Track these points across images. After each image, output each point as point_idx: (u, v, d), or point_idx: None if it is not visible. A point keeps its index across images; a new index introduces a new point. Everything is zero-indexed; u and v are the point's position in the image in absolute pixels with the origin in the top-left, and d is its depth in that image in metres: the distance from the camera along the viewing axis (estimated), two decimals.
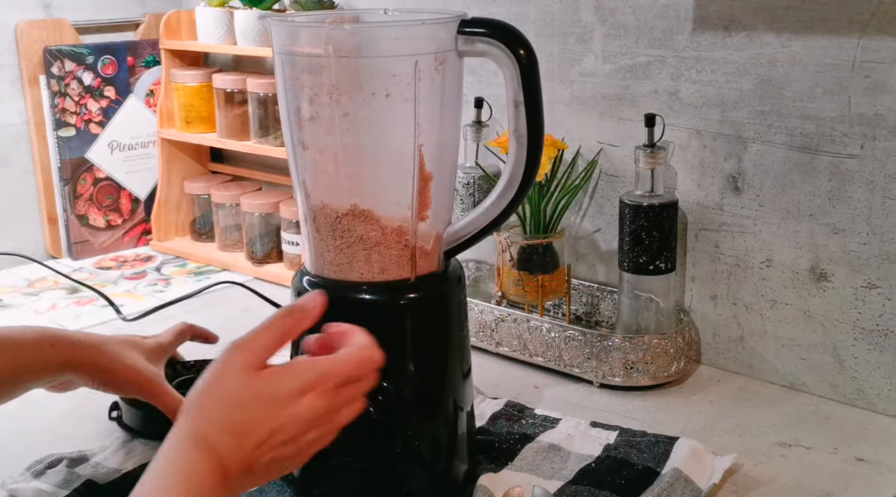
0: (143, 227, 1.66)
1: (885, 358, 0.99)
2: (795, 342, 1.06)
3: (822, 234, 1.02)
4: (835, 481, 0.88)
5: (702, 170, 1.10)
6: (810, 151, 1.01)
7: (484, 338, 1.16)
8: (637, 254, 1.08)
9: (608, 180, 1.19)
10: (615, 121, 1.16)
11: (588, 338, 1.07)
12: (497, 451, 0.93)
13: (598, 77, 1.17)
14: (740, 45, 1.04)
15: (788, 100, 1.02)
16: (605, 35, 1.15)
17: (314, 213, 0.83)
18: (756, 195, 1.06)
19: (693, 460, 0.88)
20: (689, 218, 1.12)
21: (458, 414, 0.86)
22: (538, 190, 1.13)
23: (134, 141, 1.63)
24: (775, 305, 1.07)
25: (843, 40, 0.97)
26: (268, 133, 1.47)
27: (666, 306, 1.10)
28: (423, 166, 0.81)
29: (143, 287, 1.46)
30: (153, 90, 1.63)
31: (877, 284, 0.99)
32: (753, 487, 0.88)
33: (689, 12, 1.07)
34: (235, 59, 1.63)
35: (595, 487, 0.86)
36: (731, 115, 1.06)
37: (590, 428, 0.96)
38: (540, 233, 1.15)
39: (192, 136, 1.58)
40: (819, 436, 0.97)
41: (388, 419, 0.80)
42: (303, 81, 0.79)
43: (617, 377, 1.06)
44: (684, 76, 1.09)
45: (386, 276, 0.82)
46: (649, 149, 1.07)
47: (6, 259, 1.52)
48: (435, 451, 0.85)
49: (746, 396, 1.06)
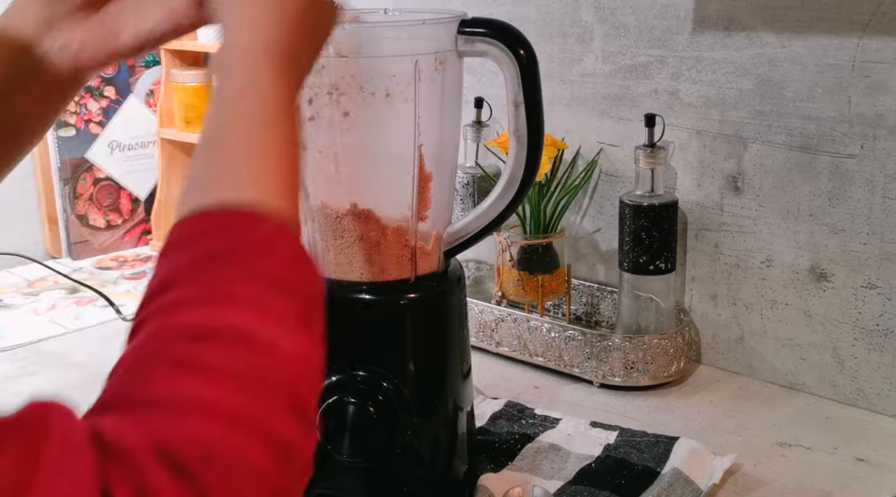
0: (143, 227, 1.66)
1: (885, 358, 0.99)
2: (795, 342, 1.06)
3: (822, 234, 1.02)
4: (835, 481, 0.88)
5: (702, 170, 1.10)
6: (810, 151, 1.01)
7: (484, 338, 1.16)
8: (637, 254, 1.08)
9: (608, 180, 1.19)
10: (615, 121, 1.16)
11: (588, 338, 1.07)
12: (497, 451, 0.93)
13: (598, 77, 1.17)
14: (740, 45, 1.04)
15: (788, 100, 1.02)
16: (605, 35, 1.15)
17: (314, 213, 0.83)
18: (756, 195, 1.06)
19: (693, 460, 0.88)
20: (689, 218, 1.12)
21: (458, 414, 0.86)
22: (538, 190, 1.13)
23: (134, 141, 1.63)
24: (775, 305, 1.07)
25: (843, 40, 0.97)
26: None
27: (666, 306, 1.10)
28: (423, 166, 0.81)
29: (143, 287, 1.46)
30: (153, 90, 1.63)
31: (877, 284, 0.99)
32: (753, 487, 0.88)
33: (689, 12, 1.07)
34: None
35: (595, 487, 0.86)
36: (731, 115, 1.06)
37: (590, 428, 0.96)
38: (540, 233, 1.15)
39: (192, 136, 1.58)
40: (819, 436, 0.97)
41: (388, 419, 0.80)
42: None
43: (617, 377, 1.06)
44: (684, 76, 1.09)
45: (386, 276, 0.82)
46: (649, 149, 1.07)
47: (6, 259, 1.52)
48: (435, 451, 0.85)
49: (746, 396, 1.06)
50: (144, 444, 0.40)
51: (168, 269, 0.48)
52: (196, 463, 0.40)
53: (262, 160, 0.52)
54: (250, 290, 0.46)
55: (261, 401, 0.43)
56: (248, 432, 0.42)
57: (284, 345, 0.45)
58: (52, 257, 1.59)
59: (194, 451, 0.40)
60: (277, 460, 0.43)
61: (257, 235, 0.48)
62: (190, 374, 0.43)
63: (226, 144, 0.52)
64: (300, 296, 0.48)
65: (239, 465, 0.41)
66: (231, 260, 0.47)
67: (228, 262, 0.47)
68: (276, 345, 0.45)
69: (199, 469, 0.40)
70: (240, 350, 0.44)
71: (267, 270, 0.47)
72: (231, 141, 0.52)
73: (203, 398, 0.42)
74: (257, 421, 0.43)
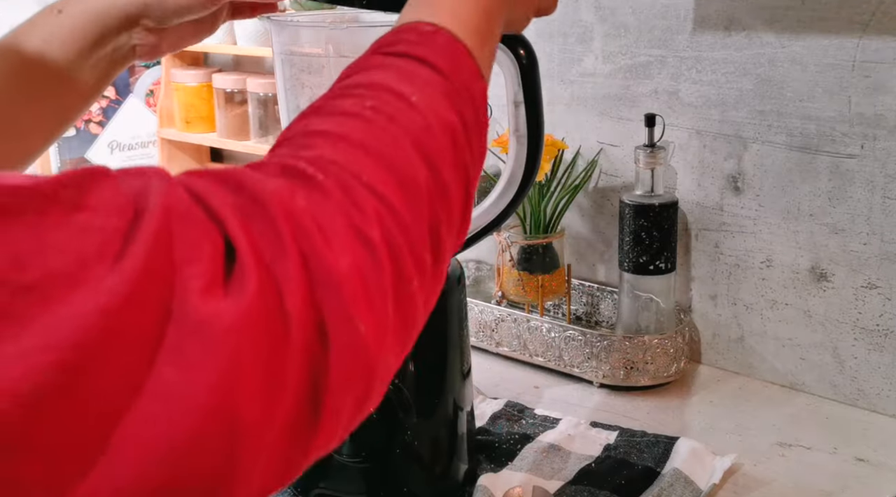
0: None
1: (885, 358, 0.99)
2: (795, 342, 1.06)
3: (822, 234, 1.02)
4: (835, 481, 0.88)
5: (702, 170, 1.10)
6: (810, 151, 1.01)
7: (484, 338, 1.16)
8: (637, 254, 1.08)
9: (608, 180, 1.19)
10: (615, 121, 1.16)
11: (588, 338, 1.07)
12: (497, 451, 0.93)
13: (598, 77, 1.17)
14: (740, 45, 1.04)
15: (788, 100, 1.02)
16: (605, 35, 1.15)
17: None
18: (756, 195, 1.06)
19: (693, 460, 0.88)
20: (689, 218, 1.12)
21: (458, 414, 0.86)
22: (538, 190, 1.13)
23: (134, 141, 1.63)
24: (775, 305, 1.07)
25: (843, 40, 0.97)
26: (268, 133, 1.47)
27: (666, 306, 1.10)
28: None
29: None
30: (153, 90, 1.63)
31: (877, 284, 0.99)
32: (753, 487, 0.88)
33: (690, 12, 1.07)
34: (235, 59, 1.63)
35: (595, 487, 0.86)
36: (731, 115, 1.06)
37: (590, 428, 0.96)
38: (540, 233, 1.15)
39: (191, 136, 1.58)
40: (819, 436, 0.97)
41: (388, 419, 0.80)
42: (303, 81, 0.79)
43: (617, 377, 1.06)
44: (684, 76, 1.09)
45: None
46: (649, 149, 1.07)
47: None
48: (435, 451, 0.85)
49: (746, 396, 1.06)
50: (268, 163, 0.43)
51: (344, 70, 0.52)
52: (309, 169, 0.42)
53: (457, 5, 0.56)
54: (399, 62, 0.50)
55: (385, 132, 0.46)
56: (367, 155, 0.44)
57: (418, 100, 0.48)
58: None
59: (309, 162, 0.42)
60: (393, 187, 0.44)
61: (424, 32, 0.52)
62: (321, 117, 0.46)
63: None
64: (447, 77, 0.51)
65: (355, 176, 0.43)
66: (393, 48, 0.51)
67: (389, 50, 0.51)
68: (409, 98, 0.48)
69: (313, 172, 0.42)
70: (371, 96, 0.47)
71: (422, 53, 0.51)
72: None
73: (326, 130, 0.45)
74: (380, 148, 0.45)
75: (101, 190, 0.37)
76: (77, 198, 0.36)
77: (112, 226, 0.36)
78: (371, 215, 0.42)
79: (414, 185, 0.45)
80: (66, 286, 0.34)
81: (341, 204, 0.41)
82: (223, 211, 0.38)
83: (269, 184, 0.41)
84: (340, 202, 0.41)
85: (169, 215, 0.37)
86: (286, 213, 0.39)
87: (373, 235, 0.41)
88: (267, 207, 0.39)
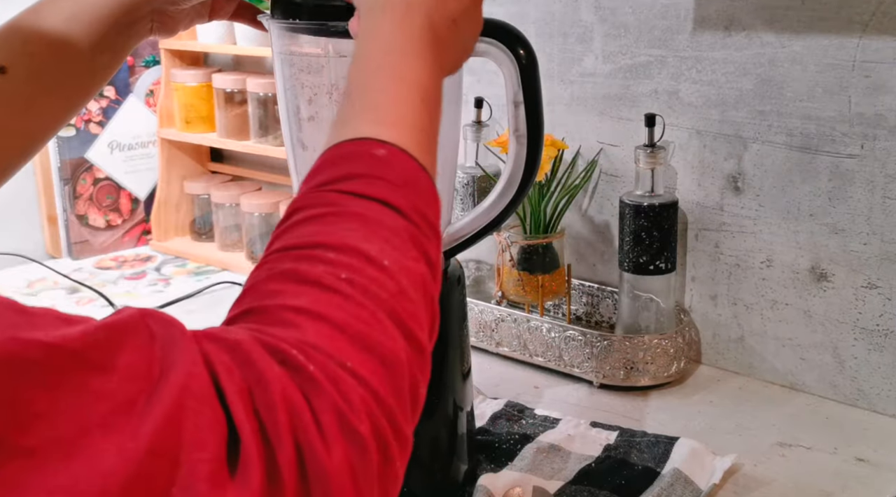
0: (143, 227, 1.66)
1: (885, 358, 0.99)
2: (795, 342, 1.06)
3: (822, 234, 1.02)
4: (835, 481, 0.88)
5: (702, 170, 1.10)
6: (810, 151, 1.01)
7: (484, 338, 1.16)
8: (637, 254, 1.08)
9: (608, 180, 1.19)
10: (615, 121, 1.16)
11: (588, 338, 1.07)
12: (497, 451, 0.93)
13: (598, 77, 1.17)
14: (740, 45, 1.04)
15: (788, 100, 1.02)
16: (605, 35, 1.15)
17: None
18: (756, 195, 1.06)
19: (693, 460, 0.88)
20: (689, 218, 1.12)
21: (458, 414, 0.86)
22: (538, 190, 1.13)
23: (134, 141, 1.63)
24: (775, 305, 1.07)
25: (843, 40, 0.97)
26: (268, 133, 1.47)
27: (666, 306, 1.10)
28: None
29: (142, 287, 1.46)
30: (153, 90, 1.63)
31: (877, 284, 0.99)
32: (753, 487, 0.88)
33: (690, 12, 1.07)
34: (235, 59, 1.63)
35: (595, 487, 0.86)
36: (731, 115, 1.06)
37: (590, 428, 0.96)
38: (540, 233, 1.15)
39: (191, 136, 1.58)
40: (819, 436, 0.97)
41: None
42: (302, 81, 0.79)
43: (617, 377, 1.06)
44: (684, 76, 1.09)
45: None
46: (649, 149, 1.07)
47: (6, 259, 1.52)
48: (435, 451, 0.85)
49: (746, 396, 1.06)
50: (251, 339, 0.42)
51: (296, 199, 0.52)
52: (300, 358, 0.42)
53: (399, 106, 0.55)
54: (360, 208, 0.49)
55: (362, 308, 0.46)
56: (348, 339, 0.44)
57: (390, 263, 0.48)
58: (52, 257, 1.59)
59: (297, 348, 0.43)
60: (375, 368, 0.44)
61: (376, 156, 0.51)
62: (296, 285, 0.46)
63: (367, 88, 0.56)
64: (409, 218, 0.50)
65: (340, 364, 0.43)
66: (350, 187, 0.50)
67: (346, 188, 0.50)
68: (381, 261, 0.48)
69: (303, 362, 0.42)
70: (343, 264, 0.47)
71: (380, 185, 0.50)
72: (372, 84, 0.56)
73: (304, 307, 0.45)
74: (359, 328, 0.45)
75: (130, 352, 0.38)
76: (105, 360, 0.38)
77: (133, 392, 0.37)
78: (359, 407, 0.43)
79: (395, 359, 0.46)
80: (65, 456, 0.34)
81: (333, 399, 0.42)
82: (232, 396, 0.40)
83: (273, 370, 0.42)
84: (332, 397, 0.42)
85: (185, 394, 0.38)
86: (287, 405, 0.41)
87: (362, 430, 0.43)
88: (270, 393, 0.41)
